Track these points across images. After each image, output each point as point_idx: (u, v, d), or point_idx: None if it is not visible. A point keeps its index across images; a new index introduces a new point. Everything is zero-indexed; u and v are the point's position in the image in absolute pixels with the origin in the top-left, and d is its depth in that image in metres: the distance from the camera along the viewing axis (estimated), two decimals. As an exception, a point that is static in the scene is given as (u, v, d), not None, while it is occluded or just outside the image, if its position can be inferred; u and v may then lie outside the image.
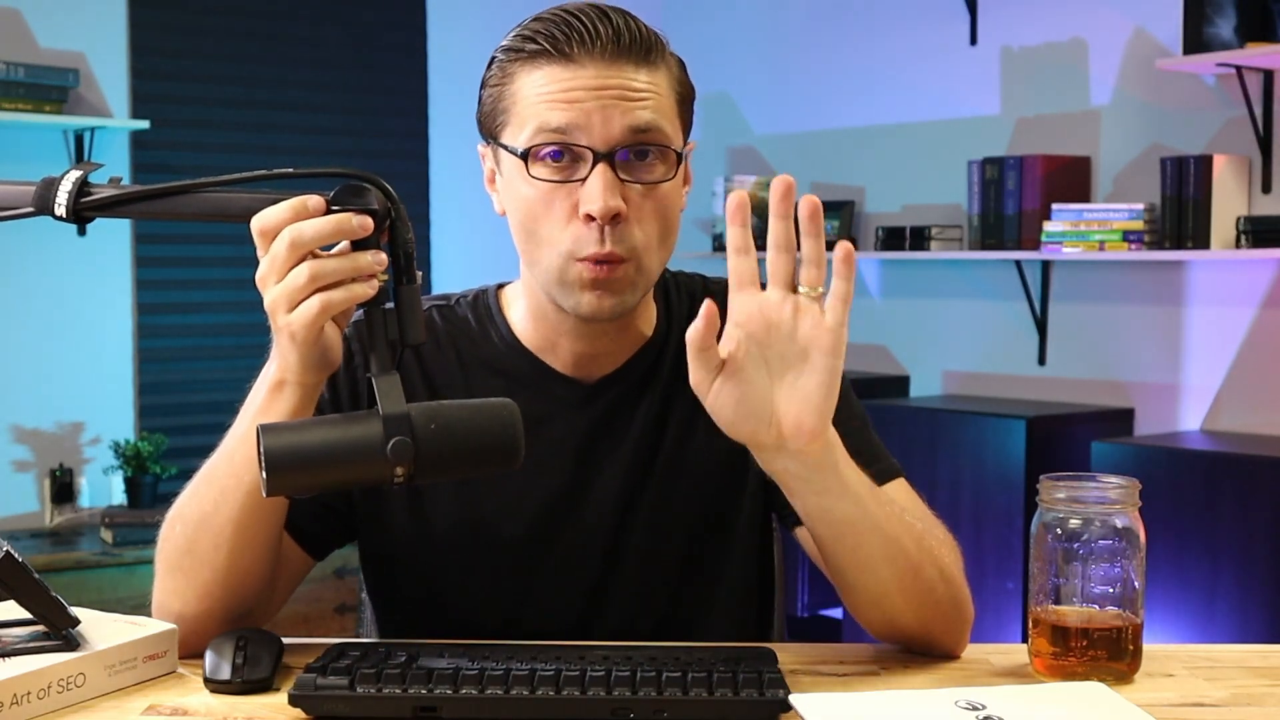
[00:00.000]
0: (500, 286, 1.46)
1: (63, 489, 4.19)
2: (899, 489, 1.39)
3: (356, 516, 1.41)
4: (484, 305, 1.44)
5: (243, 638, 1.17)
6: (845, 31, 4.65)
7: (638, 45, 1.29)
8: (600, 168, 1.26)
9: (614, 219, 1.26)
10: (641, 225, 1.28)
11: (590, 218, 1.26)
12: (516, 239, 1.33)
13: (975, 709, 1.06)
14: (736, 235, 1.11)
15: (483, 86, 1.34)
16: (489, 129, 1.34)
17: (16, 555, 1.11)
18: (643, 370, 1.41)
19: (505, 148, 1.31)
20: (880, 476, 1.33)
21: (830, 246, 1.08)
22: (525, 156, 1.27)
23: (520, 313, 1.41)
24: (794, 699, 1.06)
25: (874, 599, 1.25)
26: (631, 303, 1.32)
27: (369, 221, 1.08)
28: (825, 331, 1.11)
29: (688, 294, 1.47)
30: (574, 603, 1.39)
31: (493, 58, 1.33)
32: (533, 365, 1.40)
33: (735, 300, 1.12)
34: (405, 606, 1.44)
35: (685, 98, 1.36)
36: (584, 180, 1.26)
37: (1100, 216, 3.76)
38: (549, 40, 1.27)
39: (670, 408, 1.41)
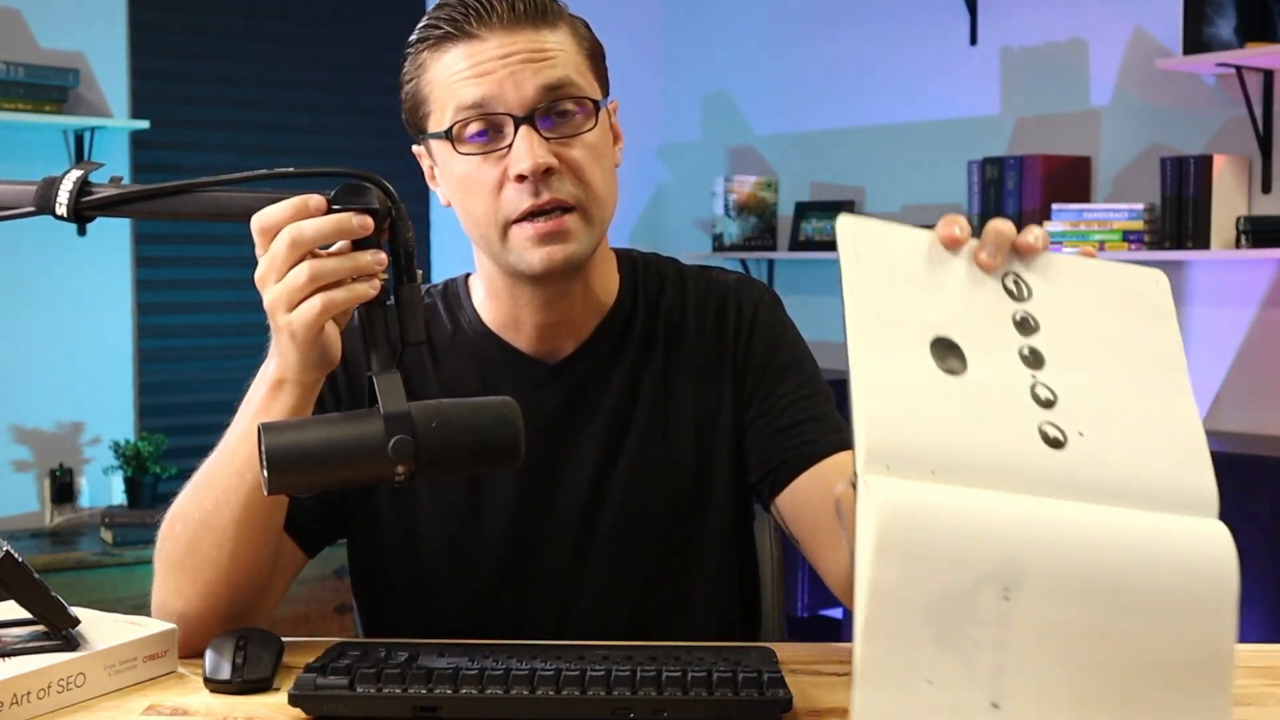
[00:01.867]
0: (469, 275, 1.49)
1: (63, 489, 4.19)
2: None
3: (349, 512, 1.41)
4: (453, 293, 1.47)
5: (243, 637, 1.17)
6: (845, 31, 4.65)
7: (533, 9, 1.32)
8: (523, 130, 1.29)
9: (546, 173, 1.29)
10: (576, 177, 1.32)
11: (522, 177, 1.29)
12: (461, 221, 1.37)
13: (1018, 296, 0.95)
14: None
15: (401, 85, 1.38)
16: (416, 125, 1.38)
17: (16, 555, 1.11)
18: (610, 343, 1.43)
19: (432, 135, 1.34)
20: (843, 443, 1.37)
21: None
22: (450, 137, 1.31)
23: (482, 296, 1.43)
24: (840, 221, 0.95)
25: None
26: (581, 252, 1.33)
27: (369, 221, 1.08)
28: None
29: (657, 275, 1.48)
30: (551, 581, 1.40)
31: (405, 54, 1.37)
32: (498, 347, 1.42)
33: None
34: (389, 598, 1.45)
35: (594, 53, 1.38)
36: (510, 147, 1.29)
37: (1100, 216, 3.76)
38: (450, 23, 1.31)
39: (640, 380, 1.42)
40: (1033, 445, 0.90)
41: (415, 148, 1.40)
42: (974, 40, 4.29)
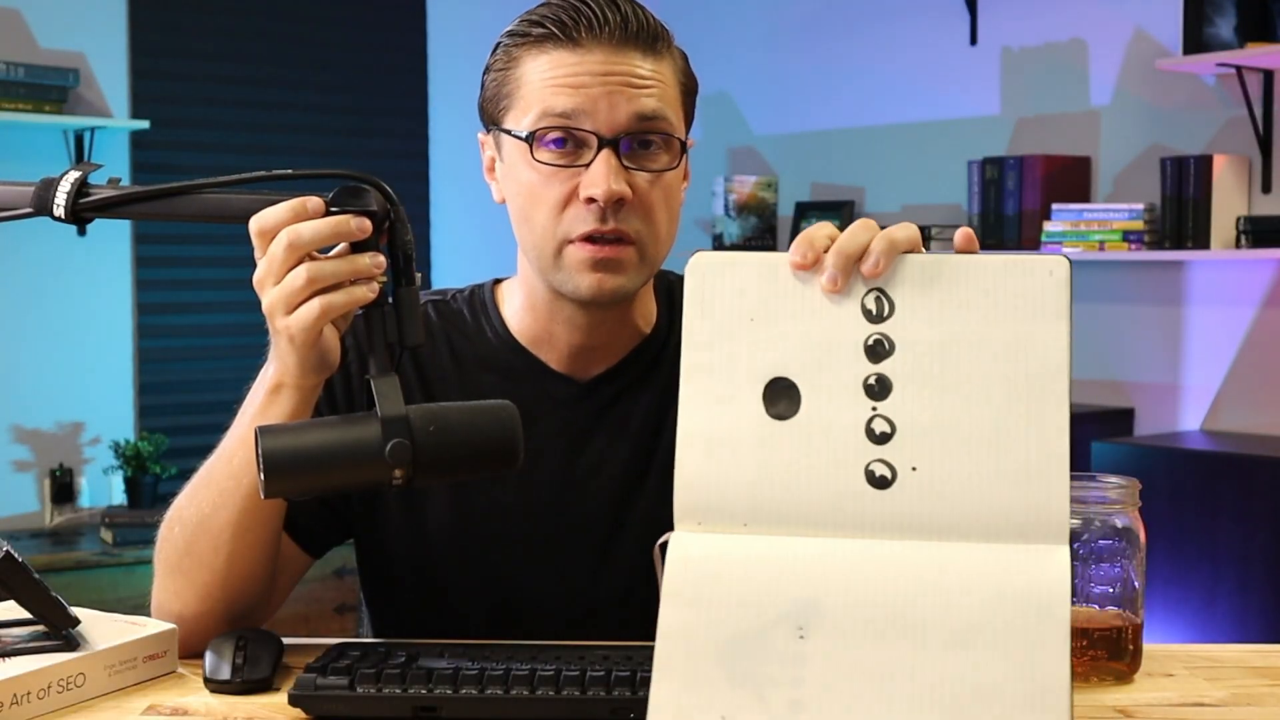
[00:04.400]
0: (497, 281, 1.46)
1: (63, 489, 4.19)
2: None
3: (354, 514, 1.41)
4: (479, 300, 1.44)
5: (243, 638, 1.17)
6: (845, 31, 4.65)
7: (645, 34, 1.29)
8: (604, 153, 1.26)
9: (617, 203, 1.27)
10: (645, 213, 1.29)
11: (592, 200, 1.26)
12: (514, 226, 1.34)
13: (876, 317, 0.96)
14: None
15: (486, 71, 1.35)
16: (491, 114, 1.34)
17: (16, 555, 1.11)
18: (641, 367, 1.41)
19: (508, 132, 1.31)
20: None
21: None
22: (530, 140, 1.28)
23: (515, 306, 1.41)
24: (691, 261, 0.97)
25: None
26: (631, 288, 1.32)
27: (367, 223, 1.08)
28: None
29: None
30: (568, 601, 1.39)
31: (498, 43, 1.34)
32: (526, 361, 1.39)
33: None
34: (400, 604, 1.43)
35: (689, 90, 1.36)
36: (587, 165, 1.27)
37: (1100, 216, 3.76)
38: (556, 25, 1.28)
39: (669, 405, 1.40)
40: (855, 487, 0.93)
41: (481, 135, 1.38)
42: (974, 40, 4.29)
